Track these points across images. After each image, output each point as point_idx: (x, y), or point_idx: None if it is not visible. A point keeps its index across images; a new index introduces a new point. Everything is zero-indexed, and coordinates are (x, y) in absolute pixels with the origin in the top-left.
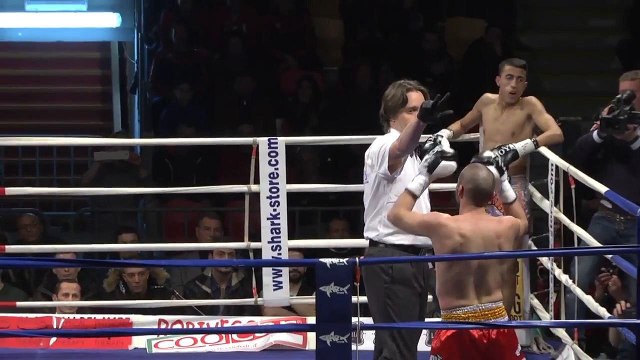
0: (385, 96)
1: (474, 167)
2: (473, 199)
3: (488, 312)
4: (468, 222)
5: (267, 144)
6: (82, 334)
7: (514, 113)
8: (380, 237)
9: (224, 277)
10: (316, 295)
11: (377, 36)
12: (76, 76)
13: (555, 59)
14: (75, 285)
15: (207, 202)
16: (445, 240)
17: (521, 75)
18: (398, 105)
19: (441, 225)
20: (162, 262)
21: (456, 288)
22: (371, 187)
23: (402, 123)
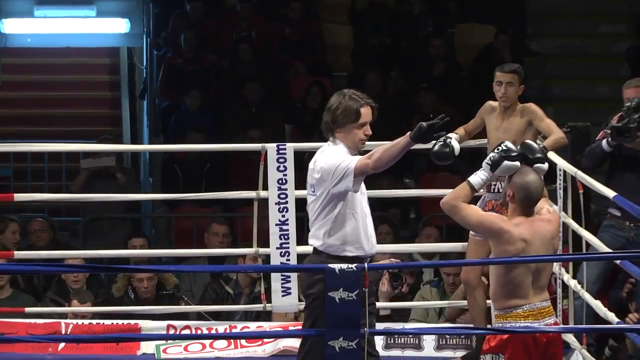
0: (334, 107)
1: (524, 174)
2: (523, 206)
3: (543, 310)
4: (526, 226)
5: (276, 150)
6: (90, 340)
7: (514, 121)
8: (325, 248)
9: (250, 282)
10: (325, 301)
11: (387, 42)
12: (85, 82)
13: (565, 64)
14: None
15: (216, 208)
16: (508, 247)
17: (511, 81)
18: (350, 120)
19: (504, 231)
20: (171, 268)
21: (517, 288)
22: (321, 200)
23: (351, 137)
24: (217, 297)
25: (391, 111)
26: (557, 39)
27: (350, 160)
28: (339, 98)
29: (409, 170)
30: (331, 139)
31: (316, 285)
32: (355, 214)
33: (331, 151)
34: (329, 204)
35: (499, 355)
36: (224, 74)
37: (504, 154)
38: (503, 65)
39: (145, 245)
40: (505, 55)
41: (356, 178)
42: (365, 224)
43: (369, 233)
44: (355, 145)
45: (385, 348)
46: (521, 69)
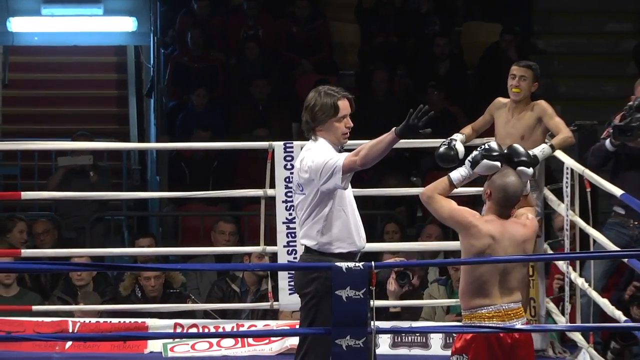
0: (312, 105)
1: (504, 176)
2: (499, 205)
3: (510, 312)
4: (496, 224)
5: (283, 148)
6: (97, 338)
7: (524, 116)
8: (320, 247)
9: (256, 280)
10: (332, 299)
11: (393, 41)
12: (92, 80)
13: (571, 63)
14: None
15: (223, 206)
16: (474, 241)
17: (524, 75)
18: (329, 115)
19: (472, 225)
20: (178, 266)
21: (481, 288)
22: (310, 199)
23: (332, 132)
24: (224, 295)
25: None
26: (563, 37)
27: (337, 157)
28: (315, 95)
29: (415, 168)
30: (313, 137)
31: (312, 284)
32: (345, 209)
33: (317, 149)
34: (319, 203)
35: (462, 355)
36: (231, 73)
37: (485, 153)
38: (518, 61)
39: (153, 245)
40: (511, 54)
41: (344, 175)
42: (355, 219)
43: (359, 228)
44: (338, 139)
45: (393, 347)
46: (537, 67)
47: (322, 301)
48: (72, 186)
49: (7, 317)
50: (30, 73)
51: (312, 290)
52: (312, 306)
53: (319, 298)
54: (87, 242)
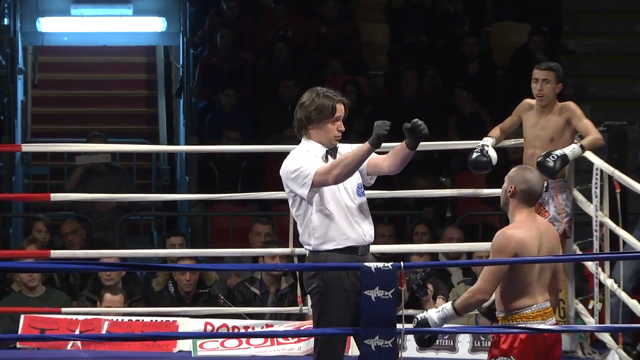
0: (307, 104)
1: (525, 169)
2: (526, 200)
3: (547, 310)
4: (528, 226)
5: None
6: (127, 338)
7: (552, 119)
8: (316, 247)
9: (274, 280)
10: (361, 300)
11: (423, 41)
12: (121, 80)
13: (601, 63)
14: (119, 297)
15: (253, 206)
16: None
17: (547, 78)
18: (325, 116)
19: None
20: (207, 266)
21: (525, 288)
22: (292, 203)
23: (325, 133)
24: (244, 299)
25: (427, 109)
26: (593, 37)
27: (311, 168)
28: (312, 95)
29: (445, 169)
30: (305, 137)
31: (313, 281)
32: (329, 207)
33: (296, 154)
34: (301, 207)
35: (509, 357)
36: (260, 73)
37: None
38: (541, 62)
39: (184, 244)
40: (539, 55)
41: (312, 189)
42: (346, 215)
43: (353, 222)
44: (329, 141)
45: (420, 349)
46: (559, 67)
47: (323, 297)
48: (89, 186)
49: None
50: (59, 73)
51: (314, 287)
52: (315, 303)
53: (320, 294)
54: (116, 242)
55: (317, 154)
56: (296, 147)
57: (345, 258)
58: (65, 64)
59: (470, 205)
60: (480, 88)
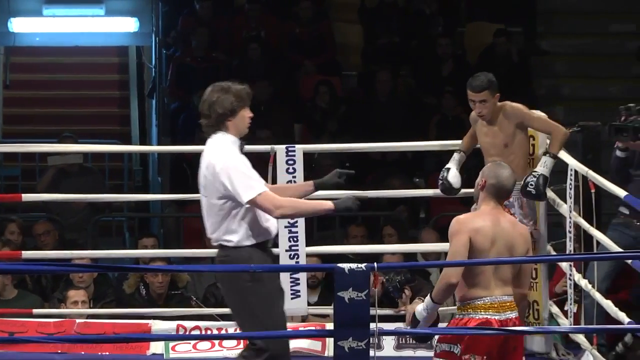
0: (224, 96)
1: (498, 165)
2: (495, 194)
3: (505, 304)
4: (489, 217)
5: (285, 151)
6: (99, 340)
7: (501, 125)
8: (239, 243)
9: None
10: (334, 301)
11: (397, 41)
12: (94, 81)
13: (576, 63)
14: (82, 292)
15: None
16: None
17: (484, 99)
18: (244, 102)
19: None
20: (180, 267)
21: (478, 279)
22: (215, 201)
23: (241, 122)
24: (217, 300)
25: (401, 110)
26: (567, 37)
27: (261, 185)
28: (217, 90)
29: (419, 169)
30: (222, 132)
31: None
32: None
33: (227, 150)
34: (227, 204)
35: (457, 345)
36: (234, 73)
37: None
38: (472, 81)
39: (156, 245)
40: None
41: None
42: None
43: (266, 216)
44: (244, 129)
45: (397, 348)
46: (490, 80)
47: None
48: (62, 187)
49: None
50: (31, 74)
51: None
52: (244, 298)
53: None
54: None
55: (235, 145)
56: (217, 141)
57: (263, 254)
58: (37, 64)
59: (444, 206)
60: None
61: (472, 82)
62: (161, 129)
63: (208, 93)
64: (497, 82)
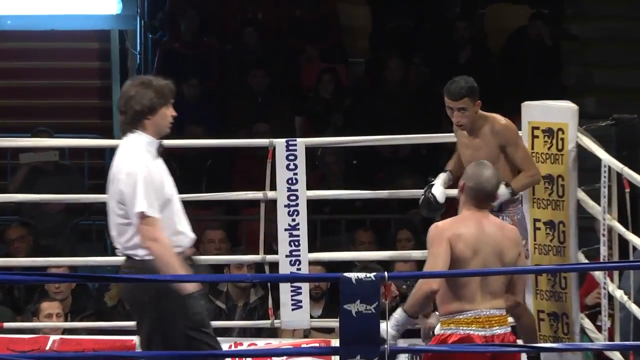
0: (143, 92)
1: (478, 166)
2: (474, 197)
3: (492, 318)
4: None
5: (285, 145)
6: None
7: (484, 139)
8: (145, 256)
9: (241, 293)
10: (340, 314)
11: (409, 25)
12: (71, 69)
13: (608, 50)
14: (57, 304)
15: (218, 210)
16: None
17: (463, 107)
18: (166, 99)
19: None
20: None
21: (462, 291)
22: (123, 212)
23: (162, 120)
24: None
25: (413, 101)
26: (599, 21)
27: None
28: (136, 84)
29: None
30: (139, 131)
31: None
32: (167, 209)
33: (134, 160)
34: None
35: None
36: (227, 60)
37: None
38: (449, 86)
39: None
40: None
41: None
42: (180, 217)
43: (182, 224)
44: (164, 129)
45: None
46: (472, 85)
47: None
48: (36, 187)
49: None
50: (1, 61)
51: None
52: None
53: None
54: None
55: (150, 149)
56: (130, 143)
57: None
58: (8, 50)
59: None
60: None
61: (450, 87)
62: None
63: (126, 87)
64: (478, 88)
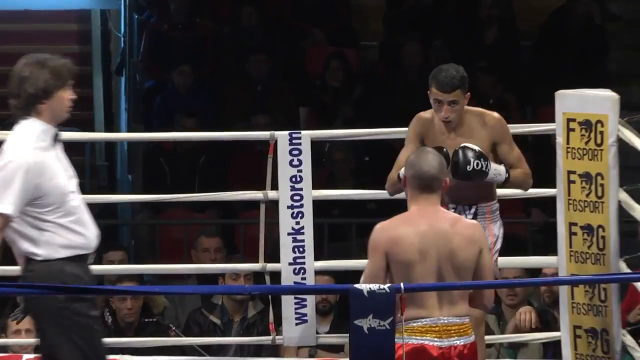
0: (38, 72)
1: (419, 152)
2: (417, 187)
3: (451, 327)
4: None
5: (288, 139)
6: None
7: (473, 134)
8: (47, 256)
9: (238, 306)
10: (350, 331)
11: (428, 3)
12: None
13: None
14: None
15: (213, 212)
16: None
17: (455, 100)
18: (64, 81)
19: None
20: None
21: (416, 295)
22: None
23: (59, 104)
24: (202, 330)
25: None
26: None
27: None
28: (31, 63)
29: None
30: (32, 117)
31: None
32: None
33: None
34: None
35: None
36: (223, 44)
37: None
38: (438, 75)
39: (125, 260)
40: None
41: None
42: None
43: (84, 225)
44: (62, 113)
45: None
46: (464, 75)
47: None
48: None
49: None
50: None
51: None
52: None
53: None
54: None
55: (44, 137)
56: (21, 131)
57: (78, 269)
58: None
59: None
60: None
61: (439, 76)
62: (132, 114)
63: (19, 66)
64: (468, 79)
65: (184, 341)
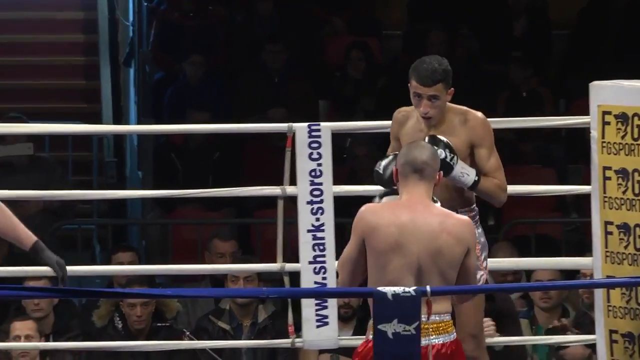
0: None
1: (412, 143)
2: (407, 175)
3: (430, 326)
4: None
5: (307, 131)
6: None
7: (454, 132)
8: None
9: (246, 311)
10: (374, 336)
11: None
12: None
13: None
14: (31, 323)
15: (227, 210)
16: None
17: (436, 94)
18: None
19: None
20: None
21: None
22: None
23: None
24: (210, 337)
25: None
26: None
27: None
28: None
29: None
30: None
31: None
32: None
33: None
34: None
35: None
36: (237, 33)
37: None
38: (419, 67)
39: (135, 261)
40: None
41: None
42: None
43: None
44: None
45: None
46: (447, 68)
47: None
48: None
49: None
50: None
51: None
52: None
53: None
54: None
55: None
56: None
57: None
58: None
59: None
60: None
61: (420, 68)
62: (141, 107)
63: None
64: (451, 73)
65: (196, 345)
